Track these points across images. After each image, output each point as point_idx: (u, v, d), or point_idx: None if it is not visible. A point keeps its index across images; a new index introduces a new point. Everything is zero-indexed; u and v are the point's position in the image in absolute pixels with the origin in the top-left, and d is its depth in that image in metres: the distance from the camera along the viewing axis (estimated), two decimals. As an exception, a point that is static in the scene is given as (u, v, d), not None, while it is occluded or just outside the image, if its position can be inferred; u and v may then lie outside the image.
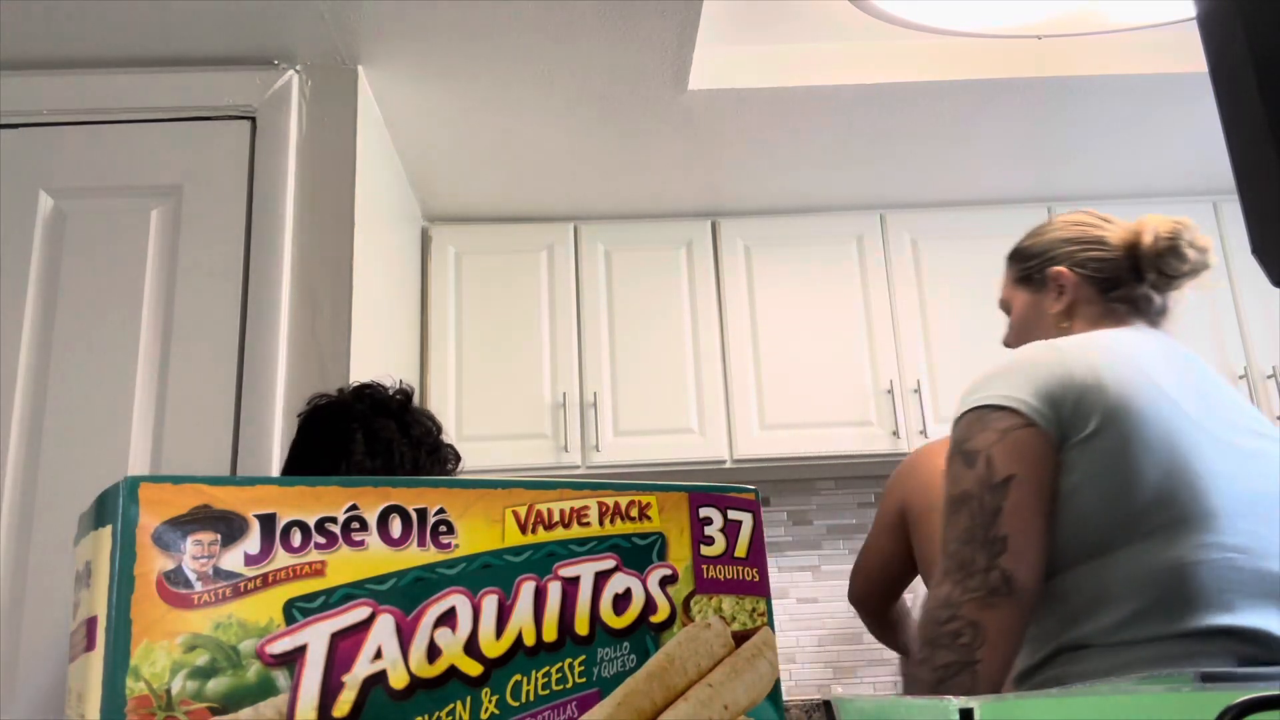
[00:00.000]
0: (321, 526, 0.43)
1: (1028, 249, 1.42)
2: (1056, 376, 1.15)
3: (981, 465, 1.13)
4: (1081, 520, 1.10)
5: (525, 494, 0.47)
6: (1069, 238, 1.39)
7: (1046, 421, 1.13)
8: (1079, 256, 1.36)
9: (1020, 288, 1.42)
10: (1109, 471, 1.10)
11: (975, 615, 1.05)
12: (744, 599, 0.51)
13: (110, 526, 0.40)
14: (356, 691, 0.42)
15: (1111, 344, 1.22)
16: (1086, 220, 1.42)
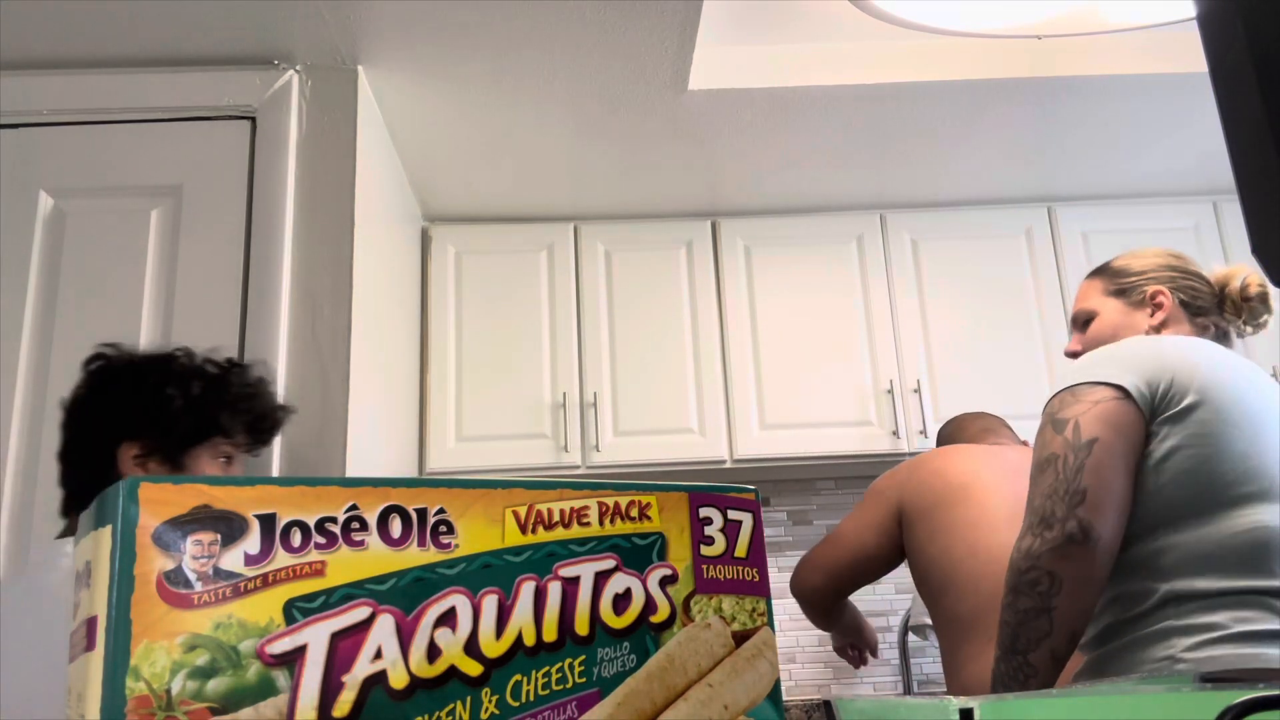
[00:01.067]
0: (321, 526, 0.43)
1: (1127, 268, 1.53)
2: (1154, 359, 1.28)
3: (1069, 430, 1.24)
4: (1176, 484, 1.21)
5: (525, 494, 0.47)
6: (1170, 266, 1.52)
7: (1139, 395, 1.24)
8: (1180, 283, 1.50)
9: (1114, 299, 1.52)
10: (1203, 441, 1.21)
11: (1052, 565, 1.15)
12: (744, 599, 0.51)
13: (110, 526, 0.40)
14: (356, 691, 0.42)
15: (1200, 343, 1.35)
16: (1184, 256, 1.56)
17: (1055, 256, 3.04)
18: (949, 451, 1.93)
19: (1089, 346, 1.50)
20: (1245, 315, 1.49)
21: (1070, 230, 3.06)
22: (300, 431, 1.95)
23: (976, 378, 2.87)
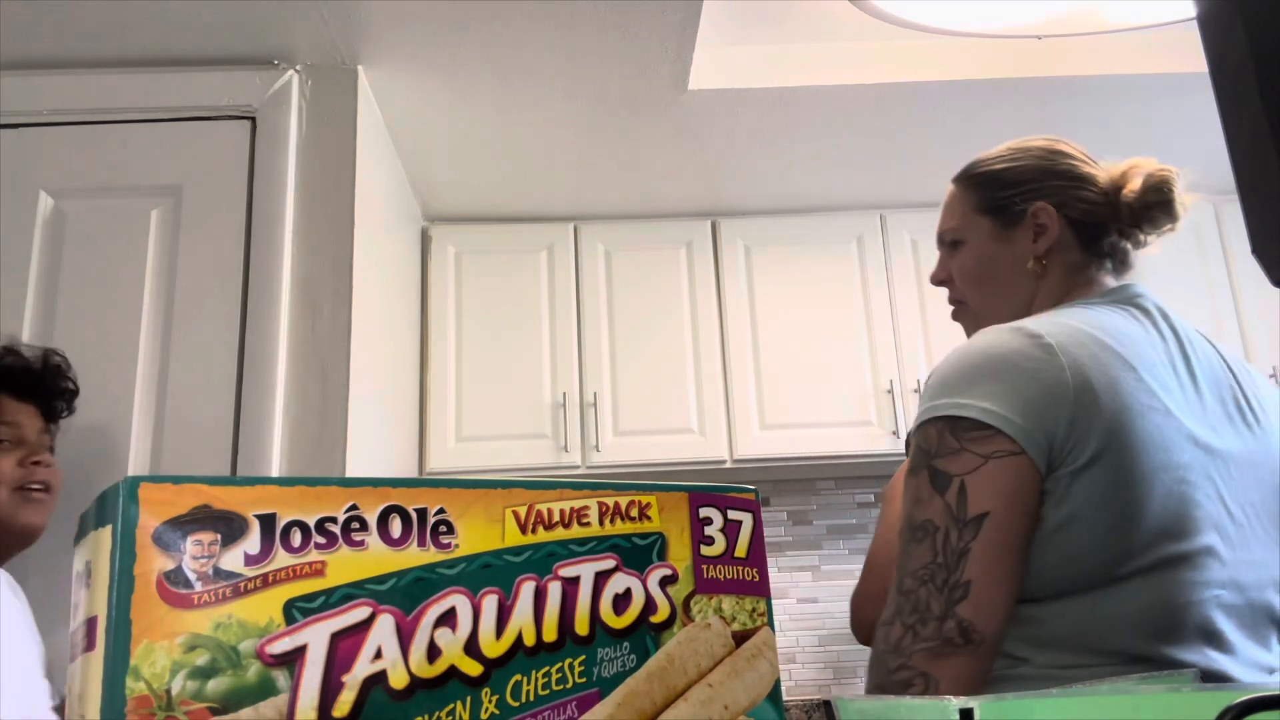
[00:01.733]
0: (321, 526, 0.43)
1: (1002, 175, 1.20)
2: (1047, 388, 0.98)
3: (953, 495, 0.97)
4: (1073, 556, 0.96)
5: (525, 494, 0.47)
6: (1055, 170, 1.19)
7: (1036, 449, 0.97)
8: (1067, 194, 1.17)
9: (984, 219, 1.20)
10: (1107, 505, 0.96)
11: (926, 667, 0.94)
12: (744, 599, 0.51)
13: (110, 526, 0.40)
14: (356, 691, 0.42)
15: (1099, 336, 1.03)
16: (1070, 153, 1.22)
17: (1055, 256, 3.04)
18: None
19: (963, 282, 1.22)
20: (1145, 224, 1.17)
21: (1070, 230, 3.06)
22: (299, 431, 1.95)
23: (976, 378, 2.87)
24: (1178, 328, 1.12)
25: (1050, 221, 1.15)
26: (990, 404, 0.98)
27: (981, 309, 1.20)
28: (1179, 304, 2.66)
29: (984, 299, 1.20)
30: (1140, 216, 1.17)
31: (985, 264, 1.19)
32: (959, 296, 1.23)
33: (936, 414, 1.01)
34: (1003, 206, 1.18)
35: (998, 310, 1.17)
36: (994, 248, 1.19)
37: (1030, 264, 1.16)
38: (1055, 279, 1.16)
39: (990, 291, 1.19)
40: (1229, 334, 2.96)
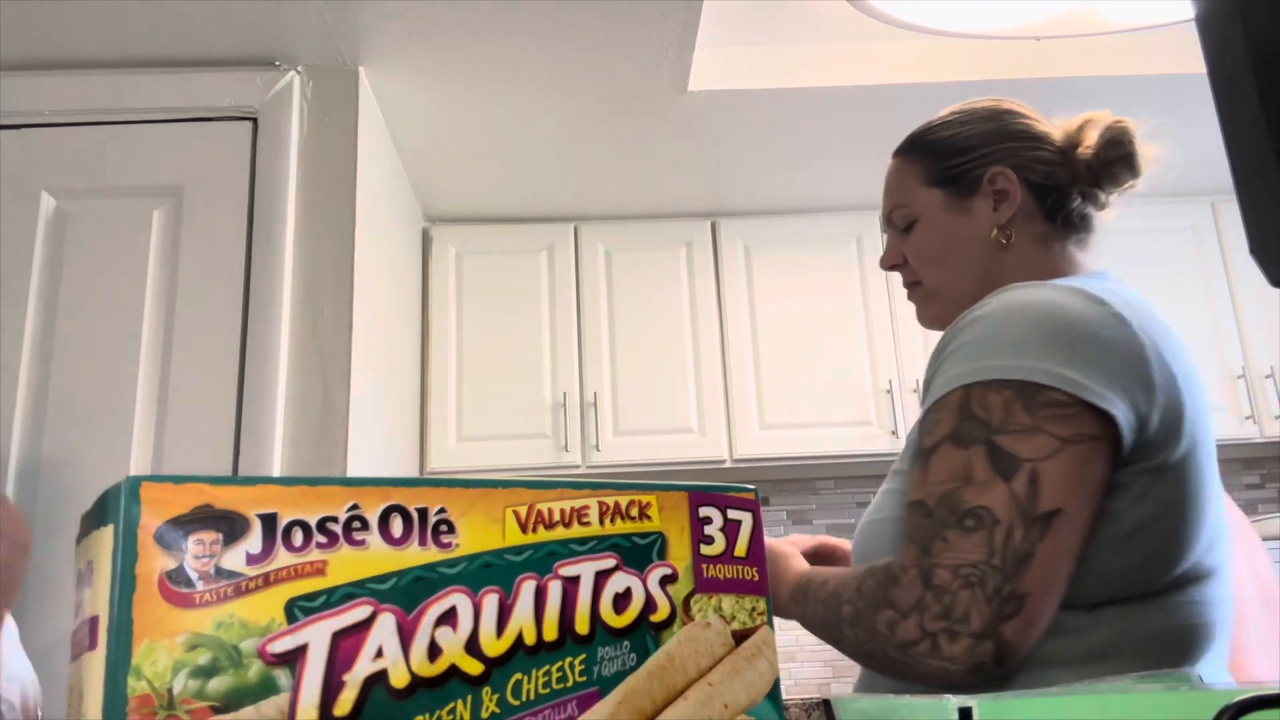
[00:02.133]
0: (323, 526, 0.43)
1: (950, 141, 1.08)
2: (1132, 366, 0.83)
3: (1022, 483, 0.80)
4: (1139, 564, 0.83)
5: (526, 493, 0.48)
6: (1008, 131, 1.07)
7: (1129, 432, 0.82)
8: (1023, 156, 1.05)
9: (936, 191, 1.07)
10: (1184, 510, 0.84)
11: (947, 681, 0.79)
12: (744, 598, 0.51)
13: (112, 526, 0.41)
14: (357, 690, 0.42)
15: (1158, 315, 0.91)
16: (1020, 111, 1.10)
17: (1055, 257, 3.04)
18: None
19: (921, 263, 1.09)
20: (1106, 181, 1.06)
21: (1070, 230, 3.06)
22: (301, 431, 1.95)
23: (976, 378, 2.87)
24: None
25: (1011, 186, 1.04)
26: (1075, 373, 0.81)
27: (942, 289, 1.08)
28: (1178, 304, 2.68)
29: (945, 278, 1.07)
30: (1100, 174, 1.05)
31: (943, 240, 1.06)
32: (915, 278, 1.11)
33: (1001, 375, 0.83)
34: (956, 176, 1.06)
35: (961, 289, 1.05)
36: (951, 221, 1.06)
37: (994, 234, 1.03)
38: (1025, 252, 1.04)
39: (952, 269, 1.06)
40: (1228, 334, 2.96)
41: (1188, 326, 2.97)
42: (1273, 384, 2.89)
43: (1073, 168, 1.05)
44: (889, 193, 1.13)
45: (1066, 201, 1.05)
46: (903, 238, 1.11)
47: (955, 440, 0.83)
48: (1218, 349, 2.94)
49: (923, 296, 1.11)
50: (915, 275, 1.11)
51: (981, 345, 0.86)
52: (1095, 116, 1.08)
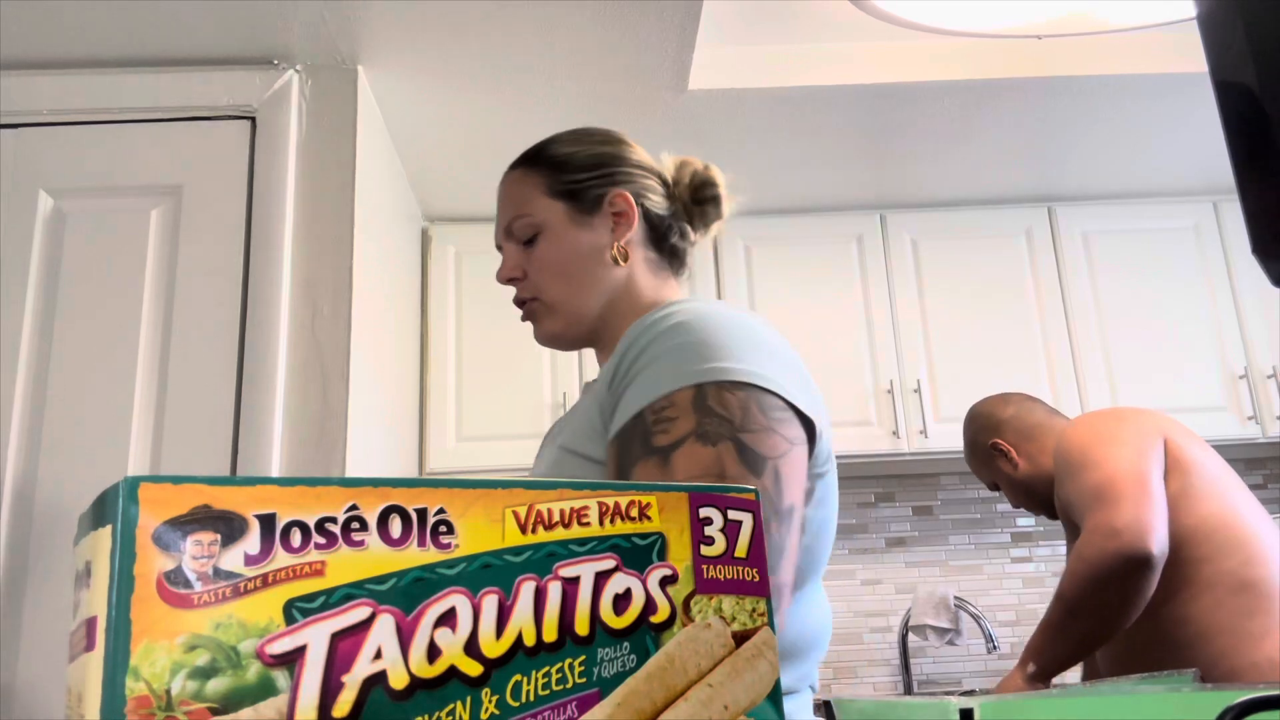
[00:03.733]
0: (321, 526, 0.43)
1: (572, 157, 1.10)
2: (804, 380, 0.94)
3: (770, 479, 0.83)
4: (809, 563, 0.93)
5: (525, 494, 0.47)
6: (625, 158, 1.11)
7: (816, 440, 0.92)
8: (639, 183, 1.09)
9: (559, 204, 1.08)
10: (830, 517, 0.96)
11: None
12: (744, 599, 0.51)
13: (110, 526, 0.40)
14: (356, 691, 0.42)
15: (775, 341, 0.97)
16: (632, 144, 1.14)
17: (1055, 256, 3.04)
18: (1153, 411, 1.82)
19: (544, 275, 1.07)
20: (698, 220, 1.11)
21: (1070, 230, 3.06)
22: (300, 431, 1.95)
23: (976, 377, 2.87)
24: None
25: (629, 209, 1.07)
26: (785, 381, 0.88)
27: (564, 303, 1.08)
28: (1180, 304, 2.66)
29: (567, 292, 1.07)
30: (694, 212, 1.11)
31: (569, 254, 1.07)
32: (531, 294, 1.09)
33: (733, 377, 0.86)
34: (578, 191, 1.08)
35: (582, 304, 1.06)
36: (575, 235, 1.07)
37: (612, 253, 1.06)
38: (641, 276, 1.08)
39: (575, 284, 1.07)
40: (1230, 334, 2.96)
41: (1189, 326, 2.97)
42: (1274, 384, 2.89)
43: (673, 203, 1.11)
44: (508, 203, 1.12)
45: (669, 234, 1.10)
46: (524, 251, 1.10)
47: (700, 437, 0.84)
48: (1220, 349, 2.94)
49: (542, 311, 1.10)
50: (534, 290, 1.09)
51: (700, 349, 0.88)
52: (688, 160, 1.14)
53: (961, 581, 3.10)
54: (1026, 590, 3.12)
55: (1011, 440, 1.99)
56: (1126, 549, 1.57)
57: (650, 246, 1.09)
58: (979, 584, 3.11)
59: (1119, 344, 2.95)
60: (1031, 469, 1.95)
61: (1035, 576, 3.13)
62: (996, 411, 2.05)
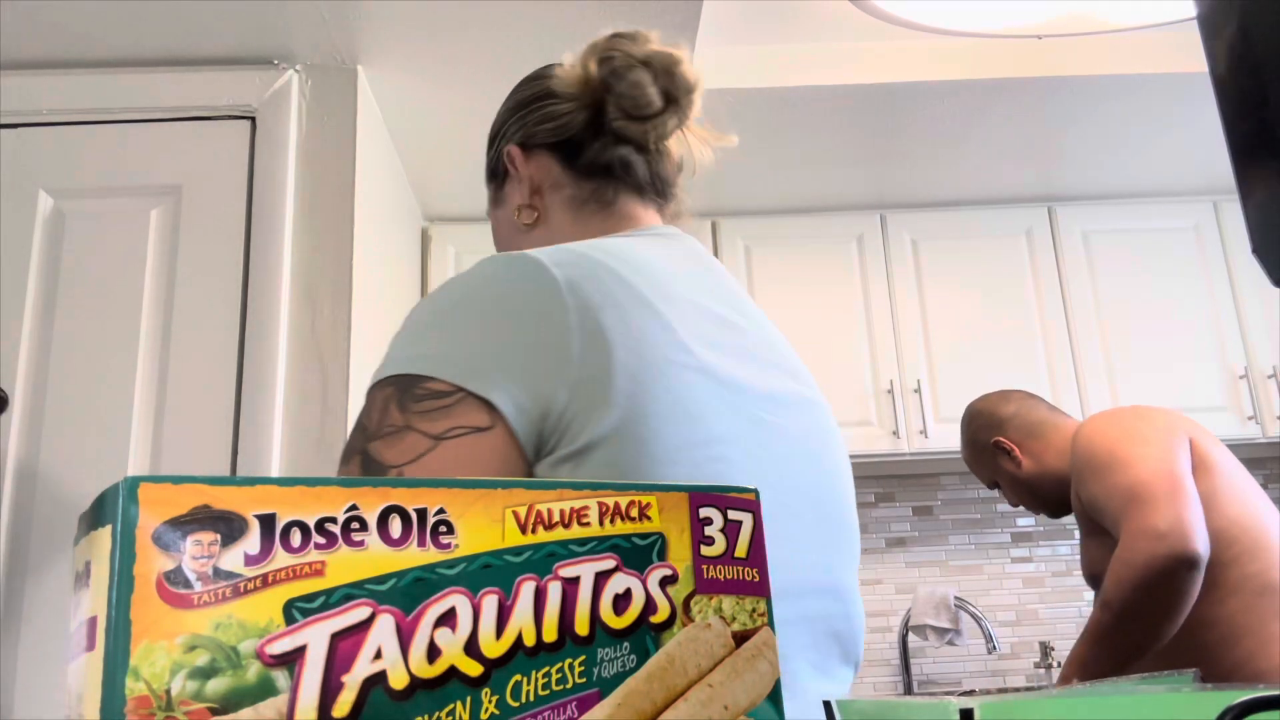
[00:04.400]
0: (321, 526, 0.43)
1: (489, 135, 1.01)
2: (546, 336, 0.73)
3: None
4: None
5: (525, 494, 0.47)
6: (517, 103, 0.98)
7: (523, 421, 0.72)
8: (528, 122, 0.95)
9: (489, 188, 1.01)
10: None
11: None
12: (744, 599, 0.51)
13: (110, 526, 0.40)
14: (356, 692, 0.42)
15: (616, 268, 0.78)
16: (538, 73, 0.99)
17: (1055, 256, 3.04)
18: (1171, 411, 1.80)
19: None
20: (629, 105, 0.90)
21: (1070, 230, 3.06)
22: (299, 431, 1.95)
23: (976, 377, 2.87)
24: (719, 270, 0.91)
25: (515, 161, 0.95)
26: (456, 353, 0.74)
27: None
28: (1180, 304, 2.67)
29: None
30: (614, 104, 0.90)
31: (496, 239, 1.00)
32: None
33: (389, 371, 0.77)
34: (491, 169, 1.00)
35: None
36: (495, 216, 1.00)
37: (517, 215, 0.95)
38: (556, 225, 0.94)
39: None
40: (1230, 334, 2.96)
41: (1189, 326, 2.97)
42: (1275, 384, 2.89)
43: (579, 112, 0.92)
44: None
45: (584, 150, 0.92)
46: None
47: (344, 455, 0.76)
48: (1220, 349, 2.94)
49: None
50: None
51: (396, 338, 0.79)
52: (593, 42, 0.95)
53: (962, 581, 3.10)
54: (1026, 590, 3.12)
55: (1014, 438, 1.98)
56: (1175, 550, 1.54)
57: (570, 182, 0.93)
58: (979, 584, 3.10)
59: (1119, 344, 2.95)
60: (1035, 467, 1.94)
61: (1035, 576, 3.13)
62: (998, 409, 2.03)
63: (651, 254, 0.83)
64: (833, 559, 0.84)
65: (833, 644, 0.82)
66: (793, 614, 0.76)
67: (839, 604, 0.83)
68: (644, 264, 0.80)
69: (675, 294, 0.79)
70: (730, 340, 0.82)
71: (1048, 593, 3.09)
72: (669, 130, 0.92)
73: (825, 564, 0.83)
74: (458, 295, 0.78)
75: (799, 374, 0.91)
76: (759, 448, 0.79)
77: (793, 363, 0.91)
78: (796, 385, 0.89)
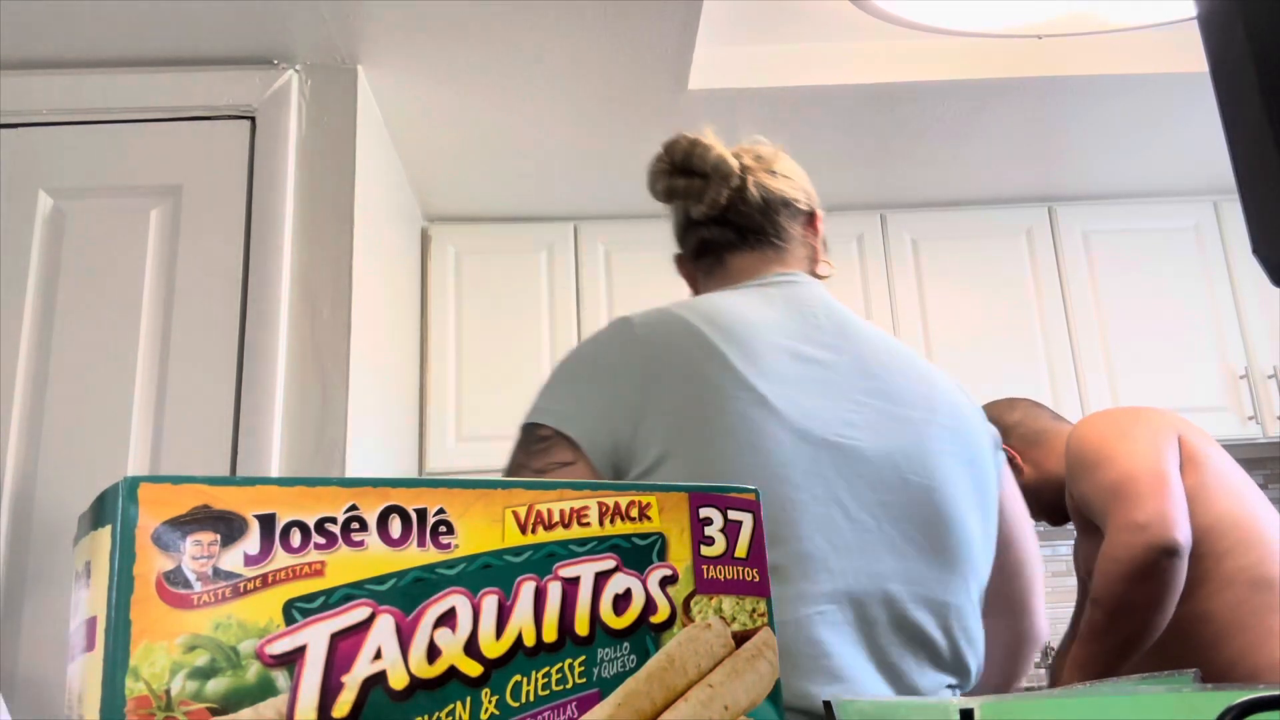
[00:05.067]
0: (321, 527, 0.43)
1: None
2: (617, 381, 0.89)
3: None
4: None
5: (525, 494, 0.47)
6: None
7: (599, 453, 0.86)
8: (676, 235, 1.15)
9: None
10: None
11: None
12: (744, 599, 0.51)
13: (110, 526, 0.40)
14: (356, 692, 0.42)
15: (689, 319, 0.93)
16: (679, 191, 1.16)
17: (1055, 256, 3.04)
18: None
19: None
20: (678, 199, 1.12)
21: (1070, 230, 3.06)
22: (299, 432, 1.95)
23: (976, 377, 2.86)
24: (821, 310, 1.02)
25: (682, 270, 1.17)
26: (559, 404, 0.89)
27: None
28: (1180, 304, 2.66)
29: None
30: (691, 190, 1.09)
31: None
32: None
33: (522, 422, 0.91)
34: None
35: None
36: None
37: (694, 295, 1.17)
38: (702, 290, 1.15)
39: None
40: (1230, 334, 2.96)
41: (1189, 326, 2.97)
42: (1275, 384, 2.89)
43: (678, 202, 1.12)
44: None
45: (689, 238, 1.13)
46: None
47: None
48: (1220, 349, 2.94)
49: None
50: None
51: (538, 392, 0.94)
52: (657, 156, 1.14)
53: (961, 581, 3.10)
54: (1026, 590, 3.11)
55: (1017, 446, 1.98)
56: (1154, 540, 1.55)
57: (694, 263, 1.12)
58: (979, 584, 3.10)
59: (1119, 344, 2.95)
60: (1037, 475, 1.94)
61: (1035, 576, 3.13)
62: (1002, 416, 2.04)
63: (737, 304, 0.97)
64: (919, 567, 0.90)
65: (916, 648, 0.88)
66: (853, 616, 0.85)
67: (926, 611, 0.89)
68: (722, 313, 0.94)
69: (748, 336, 0.92)
70: (804, 373, 0.93)
71: (1048, 593, 3.09)
72: (720, 197, 1.07)
73: (904, 571, 0.89)
74: (571, 355, 0.94)
75: (898, 397, 0.98)
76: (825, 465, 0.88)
77: (893, 387, 0.98)
78: (890, 407, 0.96)
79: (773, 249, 1.11)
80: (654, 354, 0.89)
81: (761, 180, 1.12)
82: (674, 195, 1.10)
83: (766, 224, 1.11)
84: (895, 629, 0.88)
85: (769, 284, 1.05)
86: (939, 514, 0.93)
